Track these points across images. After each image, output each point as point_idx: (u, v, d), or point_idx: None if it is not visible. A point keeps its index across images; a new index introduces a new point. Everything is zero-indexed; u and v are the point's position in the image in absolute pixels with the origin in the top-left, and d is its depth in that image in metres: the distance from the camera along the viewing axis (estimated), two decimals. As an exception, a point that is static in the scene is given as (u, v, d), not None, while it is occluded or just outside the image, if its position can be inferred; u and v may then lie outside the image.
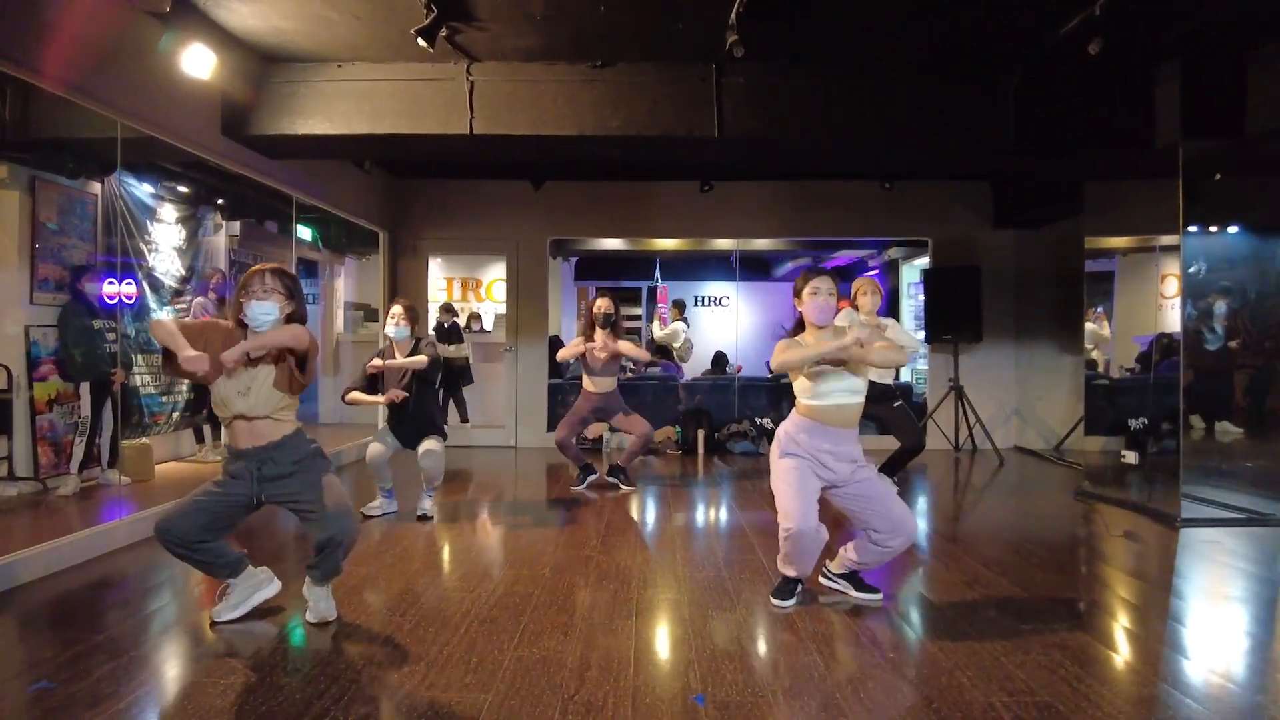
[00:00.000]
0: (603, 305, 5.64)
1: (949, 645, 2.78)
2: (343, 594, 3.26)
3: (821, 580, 3.45)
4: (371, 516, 4.90)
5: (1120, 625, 3.10)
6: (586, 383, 5.75)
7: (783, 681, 2.52)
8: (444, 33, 4.35)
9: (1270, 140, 4.69)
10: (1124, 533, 4.58)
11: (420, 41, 4.16)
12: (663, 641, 2.87)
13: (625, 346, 5.58)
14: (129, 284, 6.17)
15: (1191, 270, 4.80)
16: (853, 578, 3.35)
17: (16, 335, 5.42)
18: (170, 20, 4.18)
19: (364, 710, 2.28)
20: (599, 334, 5.62)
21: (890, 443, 5.36)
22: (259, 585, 3.14)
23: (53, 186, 5.62)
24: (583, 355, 5.63)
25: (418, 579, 3.61)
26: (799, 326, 3.21)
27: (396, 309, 4.88)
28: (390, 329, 4.87)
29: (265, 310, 2.89)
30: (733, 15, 4.07)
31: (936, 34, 4.61)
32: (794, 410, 3.21)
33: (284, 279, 2.98)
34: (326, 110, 5.05)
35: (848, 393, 3.07)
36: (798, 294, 3.13)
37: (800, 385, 3.15)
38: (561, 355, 5.90)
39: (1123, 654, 2.79)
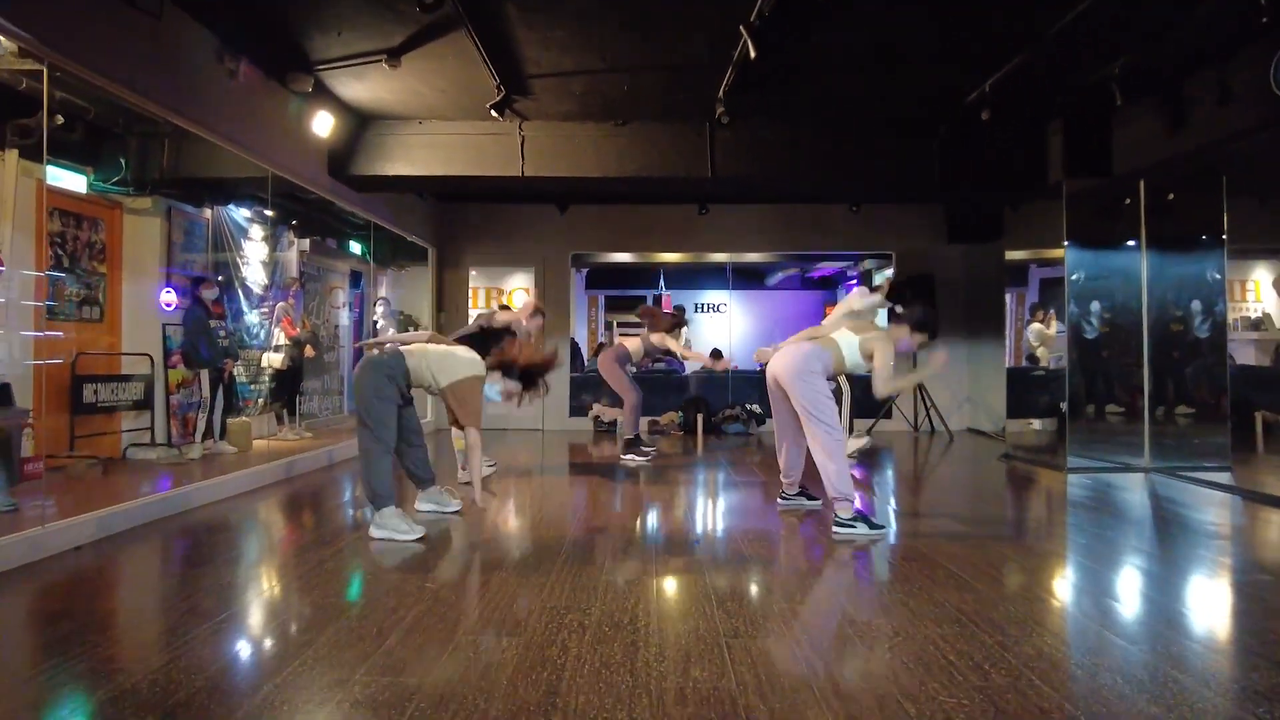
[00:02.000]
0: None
1: (901, 547, 4.23)
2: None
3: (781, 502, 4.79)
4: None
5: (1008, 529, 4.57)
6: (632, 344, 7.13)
7: (749, 538, 3.97)
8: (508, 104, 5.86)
9: (1132, 178, 6.17)
10: (1024, 476, 6.08)
11: (493, 114, 5.68)
12: (671, 526, 4.33)
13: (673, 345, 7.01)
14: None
15: (1074, 278, 6.26)
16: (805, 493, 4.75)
17: (156, 331, 6.81)
18: (307, 95, 5.68)
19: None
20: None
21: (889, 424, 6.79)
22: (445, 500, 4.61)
23: (180, 213, 7.04)
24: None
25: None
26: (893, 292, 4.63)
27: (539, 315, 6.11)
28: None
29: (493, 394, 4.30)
30: (721, 91, 5.58)
31: (880, 99, 6.12)
32: (822, 348, 4.24)
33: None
34: (408, 157, 6.56)
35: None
36: (905, 321, 4.24)
37: (847, 362, 4.28)
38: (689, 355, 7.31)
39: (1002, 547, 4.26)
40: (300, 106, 5.91)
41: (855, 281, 12.50)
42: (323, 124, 5.92)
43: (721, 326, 13.01)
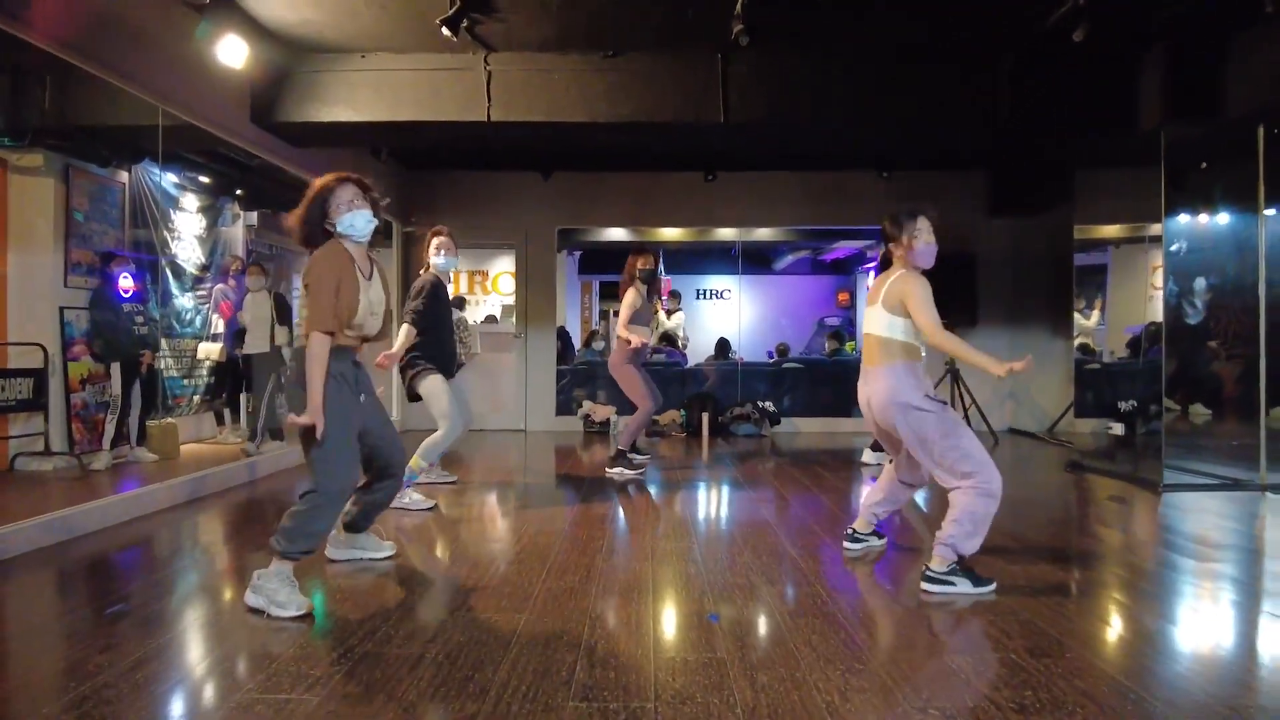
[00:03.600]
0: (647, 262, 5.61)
1: (995, 608, 3.02)
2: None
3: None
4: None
5: (1095, 566, 3.35)
6: (641, 333, 5.55)
7: (789, 605, 2.76)
8: (464, 23, 4.60)
9: (1248, 122, 4.94)
10: (1109, 497, 4.85)
11: (444, 31, 4.43)
12: (676, 580, 3.11)
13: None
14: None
15: (1174, 249, 5.05)
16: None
17: (51, 316, 5.64)
18: (207, 10, 4.44)
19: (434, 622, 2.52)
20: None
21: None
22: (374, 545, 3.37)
23: (84, 175, 5.85)
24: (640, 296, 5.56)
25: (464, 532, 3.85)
26: (885, 263, 3.25)
27: (445, 239, 4.80)
28: (440, 260, 4.78)
29: (367, 219, 2.82)
30: (739, 4, 4.33)
31: (934, 19, 4.86)
32: (907, 360, 3.12)
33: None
34: (350, 98, 5.31)
35: None
36: (894, 240, 3.16)
37: (910, 330, 3.13)
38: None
39: (1094, 586, 3.04)
40: (208, 30, 4.67)
41: (875, 264, 11.28)
42: (234, 52, 4.67)
43: (729, 314, 11.80)
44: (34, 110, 5.11)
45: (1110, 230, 7.57)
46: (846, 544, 3.51)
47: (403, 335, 4.44)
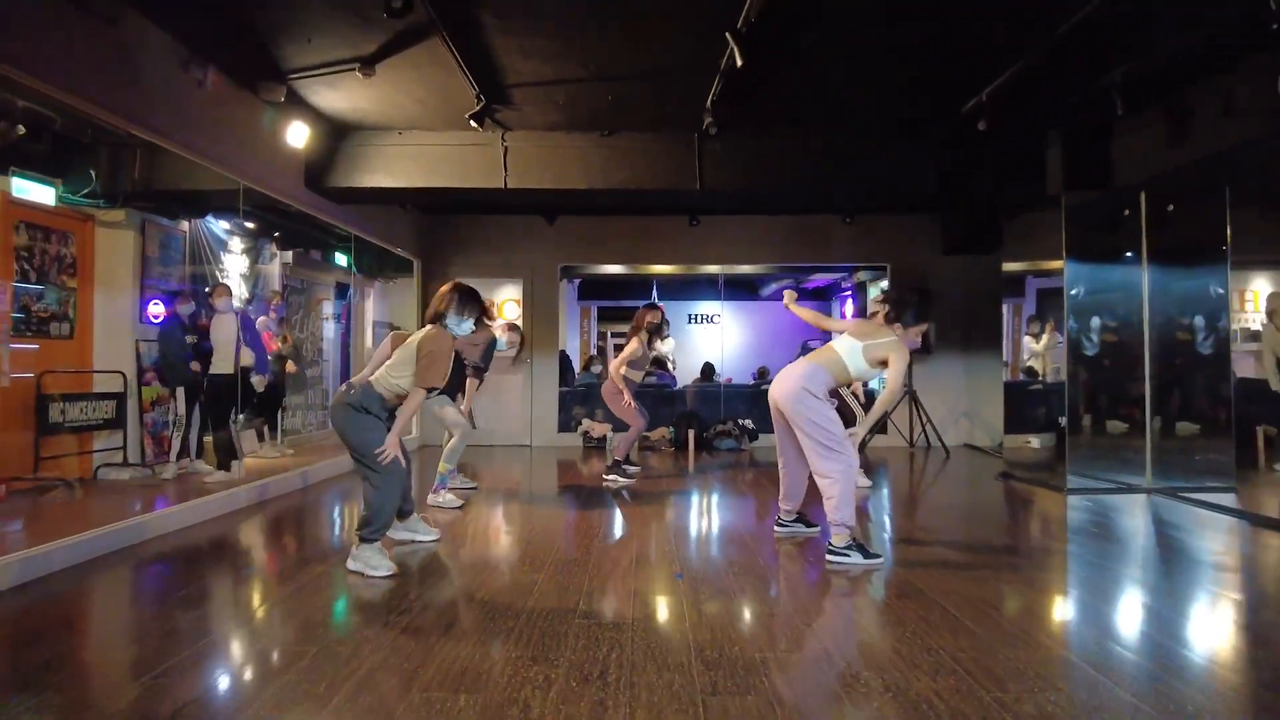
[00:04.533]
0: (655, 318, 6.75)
1: (894, 579, 4.03)
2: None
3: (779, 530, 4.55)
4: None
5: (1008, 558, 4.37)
6: (631, 374, 6.68)
7: (734, 569, 3.77)
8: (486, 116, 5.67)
9: (1133, 190, 6.00)
10: (1023, 498, 5.88)
11: (472, 124, 5.48)
12: (655, 554, 4.12)
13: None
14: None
15: (1074, 292, 6.08)
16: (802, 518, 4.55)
17: (128, 347, 6.60)
18: (279, 105, 5.49)
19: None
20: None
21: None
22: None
23: (155, 225, 6.84)
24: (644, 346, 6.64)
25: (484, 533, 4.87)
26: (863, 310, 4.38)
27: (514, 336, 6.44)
28: (502, 342, 6.23)
29: (467, 329, 3.97)
30: (709, 101, 5.40)
31: (872, 109, 5.94)
32: (830, 374, 4.05)
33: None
34: (388, 168, 6.36)
35: None
36: (903, 321, 4.07)
37: (851, 370, 4.09)
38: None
39: (972, 564, 4.06)
40: (274, 117, 5.72)
41: (850, 292, 12.33)
42: (298, 135, 5.73)
43: (714, 338, 12.83)
44: (127, 179, 6.13)
45: (1034, 265, 8.59)
46: (776, 529, 4.54)
47: (469, 388, 5.69)
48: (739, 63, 4.31)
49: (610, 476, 6.52)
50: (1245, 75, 4.79)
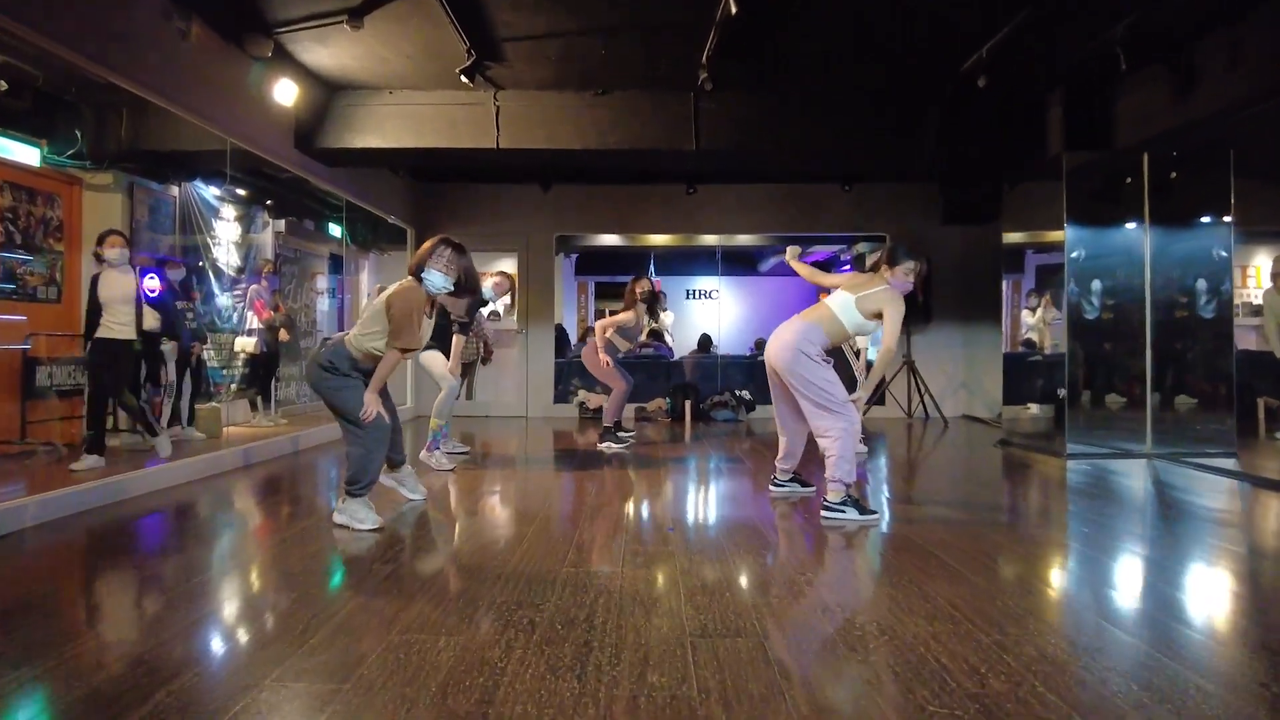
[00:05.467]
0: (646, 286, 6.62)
1: (891, 535, 3.97)
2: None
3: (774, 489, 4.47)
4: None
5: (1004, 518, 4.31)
6: (620, 343, 6.66)
7: (728, 527, 3.70)
8: (478, 72, 5.54)
9: (1135, 151, 5.90)
10: (1021, 463, 5.81)
11: (463, 79, 5.36)
12: (648, 512, 4.06)
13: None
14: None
15: (1074, 255, 5.99)
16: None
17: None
18: (266, 60, 5.36)
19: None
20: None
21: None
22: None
23: (145, 190, 6.74)
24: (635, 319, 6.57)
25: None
26: (860, 264, 4.26)
27: (502, 279, 6.10)
28: (490, 292, 6.00)
29: (442, 283, 3.70)
30: (704, 56, 5.27)
31: (870, 67, 5.82)
32: (825, 330, 3.92)
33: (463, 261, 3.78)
34: (379, 128, 6.24)
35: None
36: (893, 263, 3.91)
37: (847, 325, 3.96)
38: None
39: (975, 524, 4.00)
40: (261, 73, 5.58)
41: (849, 266, 12.22)
42: (286, 92, 5.60)
43: (712, 313, 12.75)
44: (113, 139, 6.01)
45: (1033, 237, 8.49)
46: (771, 488, 4.45)
47: (455, 346, 5.58)
48: (733, 9, 4.19)
49: (604, 443, 6.45)
50: (1254, 26, 4.68)
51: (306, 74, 5.89)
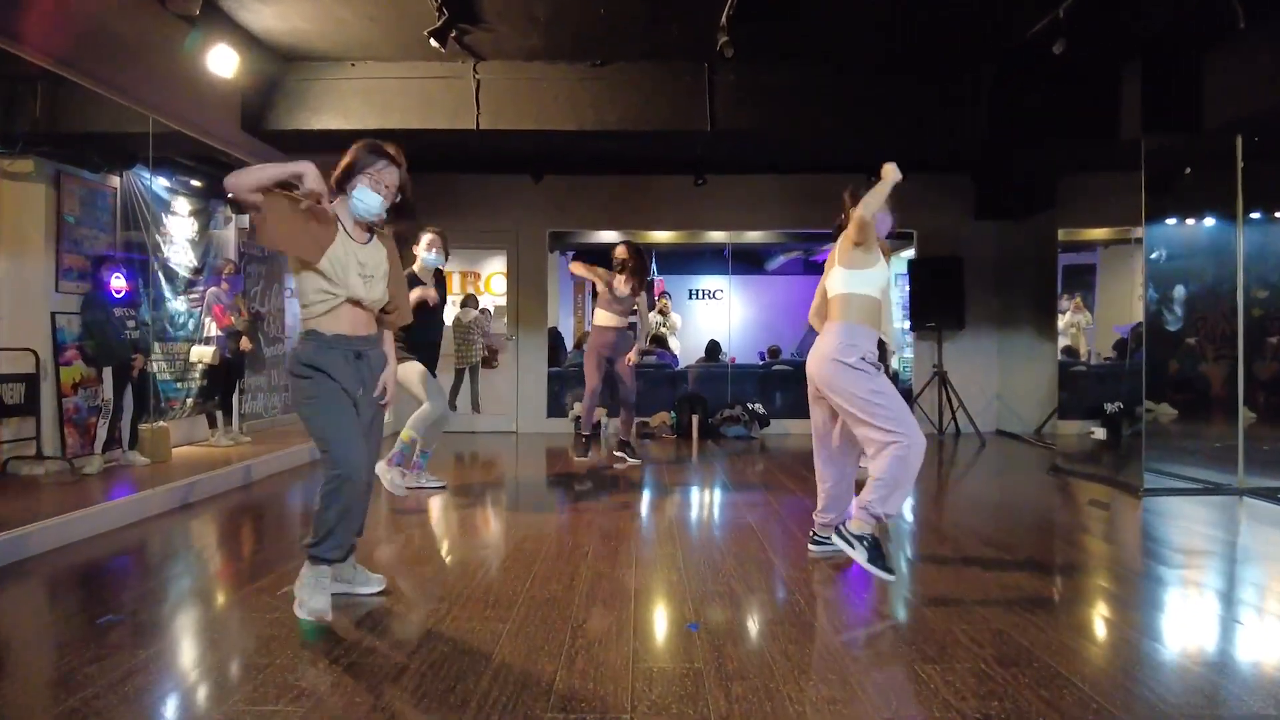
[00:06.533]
0: (621, 252, 5.82)
1: (926, 592, 3.09)
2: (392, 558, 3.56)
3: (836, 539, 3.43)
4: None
5: (1078, 577, 3.42)
6: (602, 318, 5.84)
7: (767, 612, 2.83)
8: (453, 34, 4.65)
9: (1227, 132, 5.02)
10: (1090, 502, 4.93)
11: (432, 42, 4.48)
12: (657, 591, 3.17)
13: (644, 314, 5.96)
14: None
15: (1153, 256, 5.12)
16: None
17: (43, 321, 5.66)
18: (197, 21, 4.47)
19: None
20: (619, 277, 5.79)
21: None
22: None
23: (76, 180, 5.87)
24: (607, 286, 5.74)
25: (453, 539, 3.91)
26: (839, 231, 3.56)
27: (436, 237, 5.00)
28: (429, 256, 5.01)
29: (376, 205, 2.85)
30: (724, 17, 4.39)
31: (915, 33, 4.93)
32: (858, 320, 3.28)
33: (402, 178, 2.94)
34: (340, 106, 5.36)
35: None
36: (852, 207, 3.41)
37: (864, 280, 3.33)
38: (577, 269, 6.02)
39: (1069, 595, 3.11)
40: (197, 41, 4.71)
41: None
42: (225, 61, 4.72)
43: (720, 314, 11.88)
44: (25, 119, 5.15)
45: (1093, 233, 7.62)
46: (811, 546, 3.59)
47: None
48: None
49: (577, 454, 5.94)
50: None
51: (251, 40, 5.01)
